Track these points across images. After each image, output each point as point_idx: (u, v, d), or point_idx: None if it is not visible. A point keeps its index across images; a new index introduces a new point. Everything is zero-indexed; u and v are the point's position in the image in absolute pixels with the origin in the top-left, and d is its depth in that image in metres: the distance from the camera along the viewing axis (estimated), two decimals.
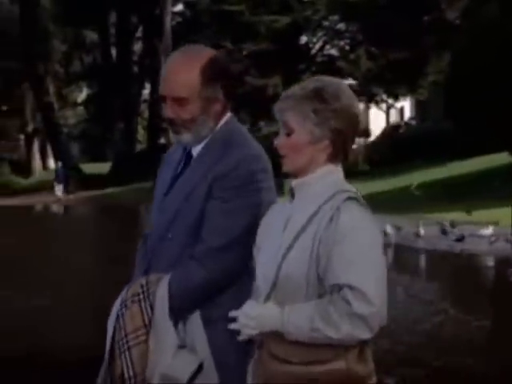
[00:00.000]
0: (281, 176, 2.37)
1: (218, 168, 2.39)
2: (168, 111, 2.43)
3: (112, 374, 2.39)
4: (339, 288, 2.07)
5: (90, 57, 48.10)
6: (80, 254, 13.45)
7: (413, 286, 10.89)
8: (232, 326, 2.22)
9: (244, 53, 33.72)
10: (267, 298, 2.17)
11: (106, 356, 2.41)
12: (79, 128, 52.45)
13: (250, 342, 2.24)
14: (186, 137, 2.46)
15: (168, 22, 34.95)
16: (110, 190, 35.03)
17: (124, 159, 38.92)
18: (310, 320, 2.08)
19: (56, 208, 32.35)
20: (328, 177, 2.20)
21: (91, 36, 46.29)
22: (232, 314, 2.23)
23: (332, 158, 2.21)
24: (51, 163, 45.03)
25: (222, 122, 2.49)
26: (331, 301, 2.07)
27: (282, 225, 2.20)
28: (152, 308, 2.37)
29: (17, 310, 9.42)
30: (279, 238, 2.18)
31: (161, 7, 35.81)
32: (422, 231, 14.60)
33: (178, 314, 2.37)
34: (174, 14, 38.21)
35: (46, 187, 37.32)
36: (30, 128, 46.05)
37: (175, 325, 2.37)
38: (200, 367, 2.35)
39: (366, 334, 2.06)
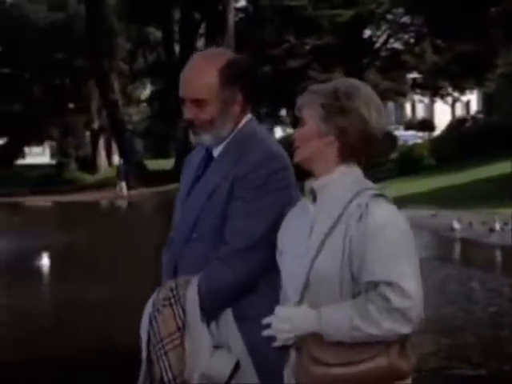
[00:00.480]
0: (302, 179, 2.37)
1: (238, 168, 2.42)
2: (187, 113, 2.47)
3: (152, 377, 2.42)
4: (375, 285, 2.08)
5: (154, 54, 48.61)
6: (146, 248, 13.59)
7: (489, 280, 10.73)
8: (266, 332, 2.22)
9: (307, 47, 33.58)
10: (299, 301, 2.17)
11: (144, 360, 2.44)
12: (143, 125, 53.06)
13: (284, 346, 2.22)
14: (206, 138, 2.49)
15: (231, 19, 35.07)
16: (173, 186, 35.33)
17: (187, 156, 39.13)
18: (349, 319, 2.08)
19: (120, 204, 32.83)
20: (347, 176, 2.23)
21: (155, 33, 46.79)
22: (265, 320, 2.23)
23: (343, 157, 2.23)
24: (116, 160, 45.72)
25: (242, 123, 2.51)
26: (369, 298, 2.08)
27: (306, 227, 2.21)
28: (184, 311, 2.39)
29: (94, 301, 9.56)
30: (305, 241, 2.19)
31: (224, 4, 35.96)
32: (497, 226, 14.44)
33: (210, 314, 2.40)
34: (237, 10, 38.35)
35: (111, 183, 37.94)
36: (95, 125, 46.86)
37: (208, 325, 2.40)
38: (237, 366, 2.37)
39: (406, 329, 2.07)
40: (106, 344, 7.51)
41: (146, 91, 53.03)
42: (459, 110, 39.92)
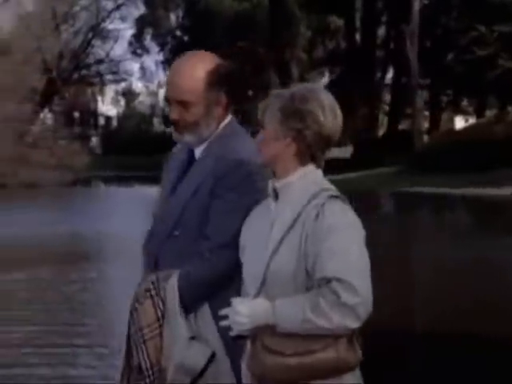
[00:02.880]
0: None
1: (219, 168, 2.51)
2: (173, 113, 2.55)
3: (130, 365, 2.51)
4: (327, 281, 2.16)
5: (333, 42, 48.49)
6: None
7: None
8: (223, 323, 2.30)
9: (495, 35, 32.05)
10: (256, 294, 2.27)
11: (124, 350, 2.53)
12: None
13: (239, 337, 2.30)
14: (189, 138, 2.57)
15: (416, 6, 34.16)
16: (350, 175, 35.10)
17: (365, 144, 38.85)
18: (302, 312, 2.16)
19: None
20: (307, 177, 2.33)
21: (335, 21, 46.63)
22: (222, 311, 2.30)
23: (301, 159, 2.33)
24: None
25: (223, 124, 2.60)
26: (320, 293, 2.16)
27: (267, 225, 2.31)
28: (163, 302, 2.47)
29: None
30: (265, 238, 2.29)
31: None
32: None
33: (189, 307, 2.48)
34: None
35: None
36: None
37: (186, 317, 2.48)
38: (212, 357, 2.45)
39: (354, 324, 2.16)
40: None
41: (324, 79, 53.09)
42: None
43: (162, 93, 59.89)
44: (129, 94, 63.80)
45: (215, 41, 44.46)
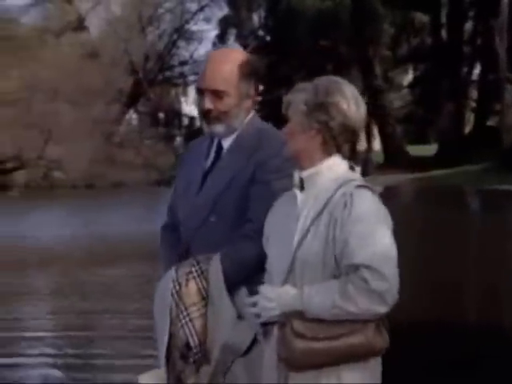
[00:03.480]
0: None
1: (260, 155, 2.62)
2: (206, 102, 2.64)
3: (174, 346, 2.55)
4: (355, 268, 2.21)
5: (418, 39, 47.73)
6: (407, 233, 13.45)
7: None
8: (252, 310, 2.36)
9: None
10: (284, 282, 2.32)
11: (167, 331, 2.55)
12: (404, 111, 52.47)
13: (267, 323, 2.36)
14: (219, 128, 2.67)
15: (505, 1, 33.30)
16: (435, 173, 34.55)
17: (451, 141, 38.15)
18: (331, 298, 2.22)
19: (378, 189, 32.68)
20: (334, 167, 2.38)
21: (420, 17, 45.88)
22: (251, 299, 2.37)
23: (327, 150, 2.38)
24: (377, 145, 45.65)
25: (249, 117, 2.72)
26: (349, 279, 2.21)
27: (293, 214, 2.36)
28: (207, 283, 2.53)
29: None
30: (291, 227, 2.34)
31: None
32: None
33: (232, 287, 2.55)
34: None
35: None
36: None
37: (231, 298, 2.53)
38: (255, 338, 2.50)
39: (382, 309, 2.22)
40: None
41: (408, 76, 52.33)
42: None
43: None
44: None
45: (297, 40, 44.47)
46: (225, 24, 50.08)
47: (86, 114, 38.42)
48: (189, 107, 63.17)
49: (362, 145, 46.70)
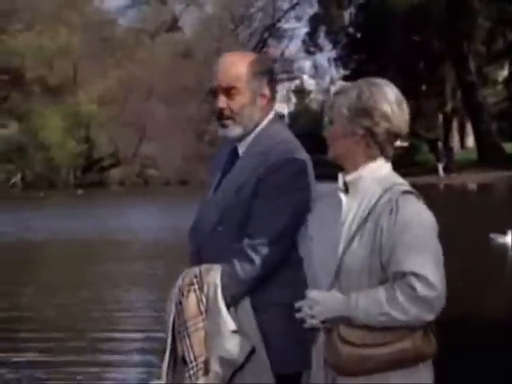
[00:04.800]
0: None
1: (263, 168, 2.57)
2: (219, 101, 2.63)
3: (175, 355, 2.58)
4: (403, 275, 2.20)
5: None
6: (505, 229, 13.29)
7: None
8: (298, 314, 2.34)
9: None
10: (330, 287, 2.31)
11: (169, 339, 2.58)
12: (498, 107, 51.21)
13: (312, 329, 2.35)
14: (233, 129, 2.64)
15: None
16: None
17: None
18: (378, 305, 2.21)
19: (471, 186, 32.11)
20: (379, 171, 2.35)
21: None
22: (298, 304, 2.35)
23: (371, 154, 2.35)
24: (470, 142, 44.80)
25: (266, 120, 2.67)
26: (397, 286, 2.21)
27: (339, 217, 2.34)
28: (206, 297, 2.55)
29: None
30: (338, 230, 2.32)
31: None
32: None
33: (230, 301, 2.55)
34: None
35: (463, 166, 37.28)
36: (448, 107, 46.35)
37: (228, 311, 2.54)
38: (252, 351, 2.52)
39: (430, 316, 2.21)
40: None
41: (504, 72, 51.03)
42: None
43: (333, 90, 60.09)
44: (301, 92, 64.57)
45: (388, 37, 44.06)
46: (315, 21, 50.07)
47: (179, 113, 39.21)
48: (278, 104, 63.46)
49: (454, 142, 45.95)
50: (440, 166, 36.28)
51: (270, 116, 2.70)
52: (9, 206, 24.26)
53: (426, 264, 2.21)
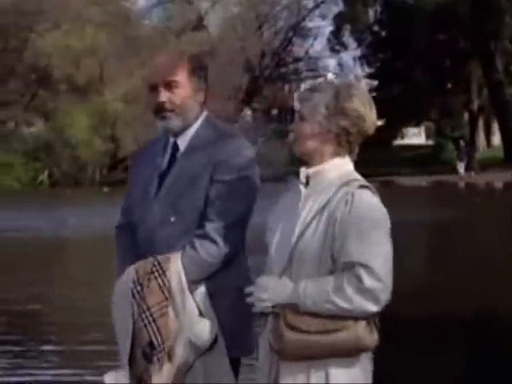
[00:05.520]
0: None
1: (220, 154, 2.63)
2: (161, 96, 2.67)
3: (136, 346, 2.57)
4: (352, 265, 2.27)
5: None
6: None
7: None
8: (248, 299, 2.40)
9: None
10: (281, 274, 2.37)
11: (130, 332, 2.58)
12: None
13: (261, 314, 2.41)
14: (174, 121, 2.69)
15: None
16: None
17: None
18: (325, 293, 2.28)
19: (497, 185, 31.86)
20: (341, 167, 2.42)
21: None
22: (248, 289, 2.41)
23: (338, 152, 2.41)
24: (496, 140, 44.48)
25: (203, 115, 2.75)
26: (345, 276, 2.27)
27: (297, 208, 2.39)
28: (169, 282, 2.55)
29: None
30: (294, 220, 2.37)
31: None
32: None
33: (191, 287, 2.58)
34: None
35: (489, 165, 37.02)
36: (474, 105, 46.04)
37: (192, 296, 2.57)
38: (217, 336, 2.56)
39: (374, 308, 2.28)
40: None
41: None
42: None
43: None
44: None
45: (414, 35, 43.83)
46: (340, 20, 49.95)
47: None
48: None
49: (480, 140, 45.63)
50: (461, 165, 36.01)
51: (205, 112, 2.77)
52: (38, 202, 24.51)
53: (375, 256, 2.27)
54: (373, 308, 2.28)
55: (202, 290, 2.61)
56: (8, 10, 33.86)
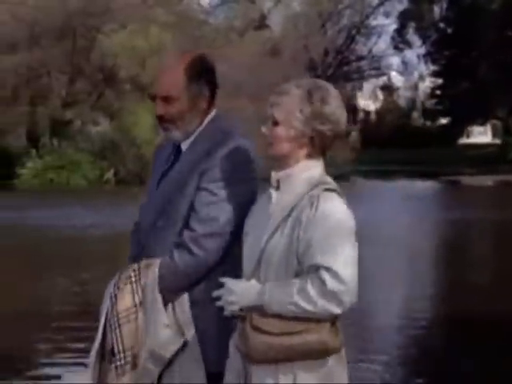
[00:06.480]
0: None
1: (205, 162, 2.57)
2: (158, 108, 2.63)
3: (104, 348, 2.54)
4: (316, 268, 2.30)
5: None
6: None
7: None
8: (217, 303, 2.43)
9: None
10: (250, 277, 2.40)
11: (100, 332, 2.55)
12: None
13: (232, 317, 2.43)
14: (175, 133, 2.65)
15: None
16: None
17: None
18: (290, 295, 2.31)
19: None
20: (310, 170, 2.42)
21: None
22: (216, 292, 2.44)
23: (312, 154, 2.42)
24: None
25: (208, 118, 2.67)
26: (308, 279, 2.30)
27: (267, 212, 2.42)
28: (143, 290, 2.53)
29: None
30: (265, 224, 2.40)
31: None
32: None
33: (167, 296, 2.53)
34: None
35: None
36: None
37: (165, 306, 2.53)
38: (183, 346, 2.51)
39: (338, 309, 2.30)
40: None
41: None
42: None
43: (422, 87, 59.19)
44: (388, 89, 63.85)
45: (480, 31, 43.10)
46: (404, 17, 49.46)
47: (265, 110, 39.31)
48: (364, 101, 62.98)
49: None
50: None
51: (212, 114, 2.70)
52: (107, 200, 24.92)
53: (338, 259, 2.29)
54: (336, 310, 2.30)
55: (183, 299, 2.57)
56: (77, 12, 34.54)
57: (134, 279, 2.57)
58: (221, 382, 2.51)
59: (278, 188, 2.45)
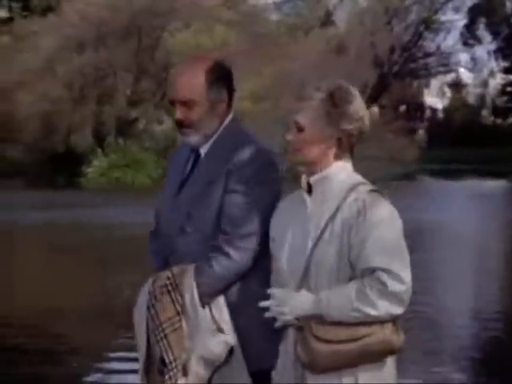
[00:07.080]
0: None
1: (231, 164, 2.57)
2: (178, 113, 2.63)
3: (152, 359, 2.55)
4: (371, 271, 2.29)
5: None
6: None
7: None
8: (267, 314, 2.39)
9: None
10: (298, 287, 2.36)
11: (144, 345, 2.56)
12: None
13: (284, 326, 2.40)
14: (194, 138, 2.65)
15: None
16: None
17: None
18: (349, 301, 2.29)
19: None
20: (343, 172, 2.42)
21: None
22: (263, 304, 2.40)
23: (339, 155, 2.42)
24: None
25: (226, 121, 2.68)
26: (367, 283, 2.29)
27: (302, 218, 2.40)
28: (182, 297, 2.51)
29: None
30: (303, 231, 2.38)
31: None
32: None
33: (206, 300, 2.52)
34: None
35: None
36: None
37: (204, 310, 2.51)
38: (232, 349, 2.50)
39: (399, 310, 2.32)
40: None
41: None
42: None
43: (492, 83, 57.82)
44: (456, 86, 62.62)
45: None
46: (474, 13, 48.32)
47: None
48: (431, 99, 61.91)
49: None
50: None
51: (229, 117, 2.71)
52: None
53: (395, 259, 2.31)
54: (398, 310, 2.32)
55: (220, 302, 2.58)
56: (143, 11, 34.79)
57: (170, 288, 2.58)
58: (265, 381, 2.56)
59: (310, 192, 2.44)
